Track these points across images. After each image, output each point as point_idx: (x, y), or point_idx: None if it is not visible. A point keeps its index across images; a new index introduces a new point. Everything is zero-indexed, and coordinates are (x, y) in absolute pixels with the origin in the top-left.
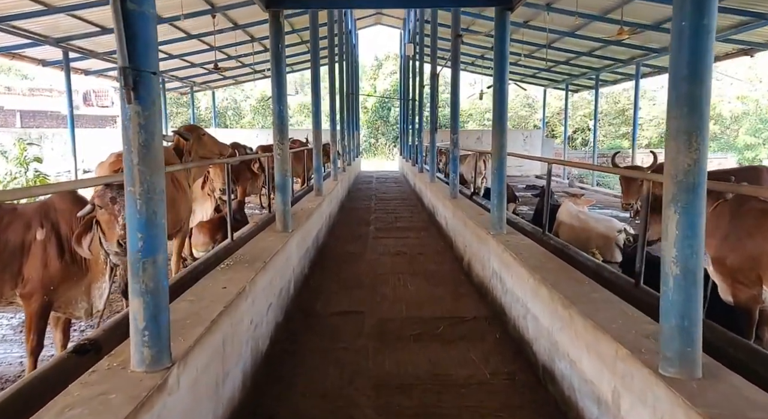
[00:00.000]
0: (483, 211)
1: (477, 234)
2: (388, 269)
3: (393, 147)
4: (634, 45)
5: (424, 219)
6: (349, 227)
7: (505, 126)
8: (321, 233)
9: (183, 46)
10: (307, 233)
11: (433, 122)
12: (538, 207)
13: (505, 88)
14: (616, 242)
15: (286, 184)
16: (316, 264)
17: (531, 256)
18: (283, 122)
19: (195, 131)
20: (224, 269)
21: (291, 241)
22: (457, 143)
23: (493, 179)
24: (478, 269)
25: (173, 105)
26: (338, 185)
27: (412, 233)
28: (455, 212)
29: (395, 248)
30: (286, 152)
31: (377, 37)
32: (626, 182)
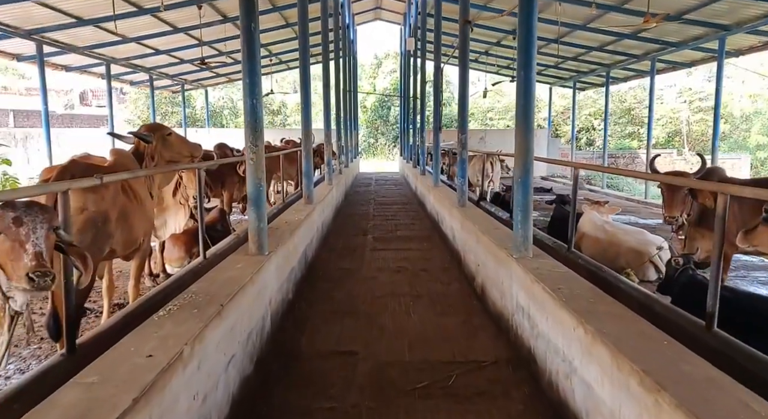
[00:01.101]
0: (498, 224)
1: (494, 254)
2: (388, 290)
3: (393, 147)
4: (649, 38)
5: (426, 227)
6: (344, 238)
7: (531, 124)
8: (311, 248)
9: (170, 40)
10: (291, 252)
11: (437, 121)
12: (555, 215)
13: (532, 78)
14: (650, 259)
15: (260, 196)
16: (304, 286)
17: (573, 293)
18: (256, 119)
19: (158, 130)
20: (163, 317)
21: (267, 267)
22: (465, 144)
23: (517, 188)
24: (495, 297)
25: (167, 104)
26: (333, 189)
27: (414, 244)
28: (464, 224)
29: (395, 263)
30: (261, 156)
31: (377, 33)
32: (670, 192)
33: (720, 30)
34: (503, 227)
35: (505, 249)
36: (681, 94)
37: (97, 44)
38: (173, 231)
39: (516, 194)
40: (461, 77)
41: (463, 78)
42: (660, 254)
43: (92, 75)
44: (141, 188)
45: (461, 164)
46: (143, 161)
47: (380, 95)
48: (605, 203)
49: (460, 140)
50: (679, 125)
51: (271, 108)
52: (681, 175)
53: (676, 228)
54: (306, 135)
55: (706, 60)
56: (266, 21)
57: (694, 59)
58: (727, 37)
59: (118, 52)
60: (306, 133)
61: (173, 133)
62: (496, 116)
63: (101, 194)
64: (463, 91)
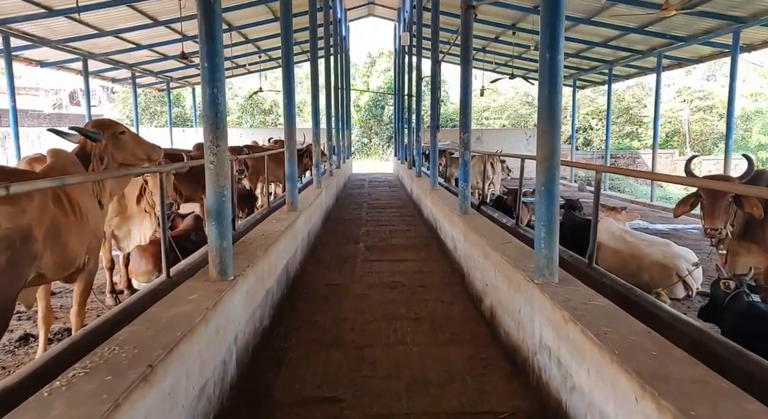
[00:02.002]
0: (508, 236)
1: (508, 275)
2: (381, 312)
3: (387, 147)
4: (656, 33)
5: (423, 234)
6: (333, 247)
7: (557, 119)
8: (294, 261)
9: (151, 34)
10: (266, 271)
11: (435, 120)
12: (564, 222)
13: (558, 62)
14: (677, 273)
15: (222, 209)
16: (284, 309)
17: (625, 340)
18: (217, 112)
19: (109, 128)
20: (57, 392)
21: (231, 297)
22: (468, 145)
23: (539, 199)
24: (509, 326)
25: (157, 104)
26: (322, 193)
27: (411, 254)
28: (469, 235)
29: (390, 277)
30: (224, 159)
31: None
32: (711, 199)
33: (734, 23)
34: (515, 241)
35: (523, 271)
36: (680, 93)
37: (72, 38)
38: (139, 242)
39: (539, 206)
40: (463, 70)
41: (465, 72)
42: (689, 269)
43: (70, 71)
44: (84, 197)
45: (463, 166)
46: (89, 163)
47: (374, 92)
48: (622, 209)
49: (462, 139)
50: (678, 125)
51: (262, 107)
52: (724, 179)
53: (716, 242)
54: (289, 135)
55: (714, 56)
56: (254, 14)
57: (702, 55)
58: (742, 31)
59: (97, 46)
60: (289, 132)
61: (127, 131)
62: (492, 115)
63: (21, 206)
64: (465, 86)
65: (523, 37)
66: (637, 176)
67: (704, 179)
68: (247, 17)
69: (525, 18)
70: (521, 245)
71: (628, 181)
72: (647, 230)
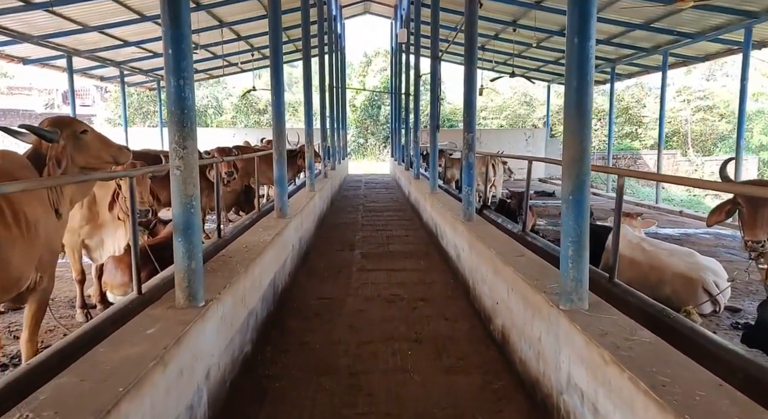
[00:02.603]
0: (520, 248)
1: (524, 296)
2: (378, 331)
3: (383, 148)
4: (662, 29)
5: (423, 240)
6: (327, 255)
7: (587, 116)
8: (283, 273)
9: (138, 30)
10: (248, 291)
11: (434, 119)
12: None
13: (589, 49)
14: (704, 287)
15: (190, 223)
16: (271, 327)
17: (689, 392)
18: (185, 109)
19: (68, 126)
20: None
21: (201, 326)
22: (472, 145)
23: (567, 211)
24: (527, 355)
25: (150, 103)
26: (316, 196)
27: (410, 263)
28: (475, 245)
29: (388, 289)
30: (192, 163)
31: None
32: (752, 208)
33: (746, 18)
34: (528, 253)
35: (543, 293)
36: (680, 93)
37: (54, 33)
38: (112, 252)
39: (566, 219)
40: (467, 66)
41: (469, 67)
42: (716, 282)
43: (55, 69)
44: (33, 206)
45: (467, 169)
46: (44, 167)
47: (370, 91)
48: (638, 215)
49: (466, 140)
50: (677, 125)
51: (256, 107)
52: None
53: (756, 255)
54: (278, 134)
55: (721, 54)
56: (246, 10)
57: (708, 53)
58: (754, 26)
59: (82, 42)
60: (278, 132)
61: (90, 130)
62: (490, 115)
63: None
64: (469, 82)
65: (524, 34)
66: (665, 181)
67: (745, 185)
68: (239, 13)
69: (527, 14)
70: (536, 259)
71: (630, 182)
72: (657, 235)
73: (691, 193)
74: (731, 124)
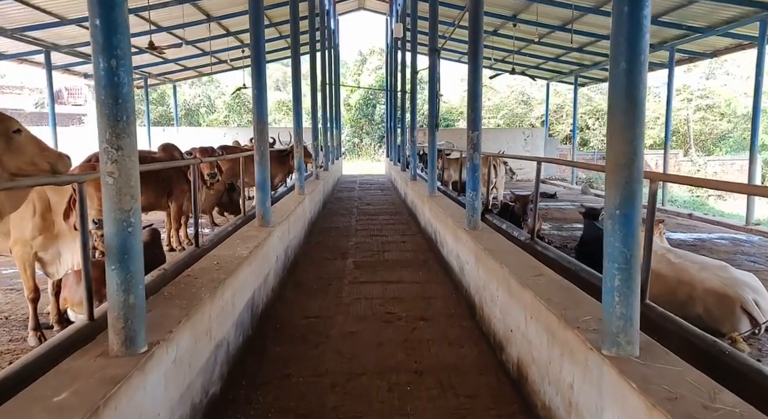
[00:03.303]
0: (537, 264)
1: (550, 329)
2: (372, 359)
3: (378, 148)
4: (671, 23)
5: (421, 247)
6: (317, 265)
7: (640, 114)
8: (265, 289)
9: None
10: (216, 318)
11: (433, 117)
12: (586, 236)
13: (643, 19)
14: (742, 306)
15: (127, 246)
16: (247, 355)
17: None
18: (118, 97)
19: None
20: None
21: (138, 381)
22: (477, 145)
23: (612, 229)
24: (554, 402)
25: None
26: (305, 200)
27: (407, 274)
28: (481, 258)
29: (383, 306)
30: (131, 168)
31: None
32: None
33: (762, 10)
34: (547, 272)
35: (576, 329)
36: (679, 92)
37: (30, 26)
38: (71, 266)
39: (610, 240)
40: (472, 57)
41: (474, 59)
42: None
43: (33, 64)
44: None
45: (472, 171)
46: None
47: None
48: (660, 221)
49: (470, 139)
50: (677, 125)
51: (249, 106)
52: None
53: None
54: (260, 133)
55: (730, 49)
56: (234, 3)
57: (717, 48)
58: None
59: (60, 36)
60: (260, 129)
61: (24, 131)
62: (487, 114)
63: None
64: (474, 75)
65: (524, 30)
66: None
67: None
68: (227, 6)
69: (528, 8)
70: (558, 279)
71: None
72: (669, 241)
73: (694, 194)
74: (732, 123)
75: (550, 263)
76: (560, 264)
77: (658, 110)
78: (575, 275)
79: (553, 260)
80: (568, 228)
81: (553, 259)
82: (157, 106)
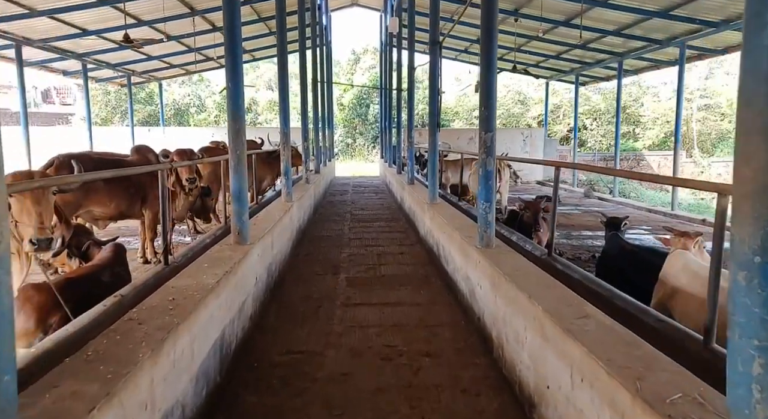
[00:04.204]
0: (580, 303)
1: (622, 412)
2: (369, 416)
3: (372, 148)
4: (682, 17)
5: (420, 259)
6: (305, 282)
7: None
8: (237, 324)
9: (97, 17)
10: (158, 388)
11: (434, 116)
12: (610, 250)
13: None
14: None
15: None
16: (214, 412)
17: None
18: None
19: None
20: None
21: None
22: (491, 149)
23: (746, 291)
24: None
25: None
26: (293, 207)
27: (408, 294)
28: (500, 285)
29: (381, 336)
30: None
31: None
32: None
33: None
34: (595, 313)
35: (669, 418)
36: None
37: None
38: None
39: (741, 301)
40: (485, 44)
41: (488, 46)
42: None
43: (4, 60)
44: None
45: (485, 179)
46: None
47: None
48: (698, 234)
49: (483, 141)
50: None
51: None
52: None
53: None
54: (236, 133)
55: None
56: None
57: (730, 44)
58: None
59: (32, 30)
60: (236, 130)
61: None
62: None
63: None
64: (488, 65)
65: (527, 25)
66: None
67: None
68: None
69: (530, 3)
70: (611, 326)
71: (632, 184)
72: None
73: (697, 197)
74: (733, 123)
75: (571, 282)
76: (586, 286)
77: (657, 110)
78: (609, 303)
79: (578, 282)
80: (577, 236)
81: (579, 281)
82: (146, 105)
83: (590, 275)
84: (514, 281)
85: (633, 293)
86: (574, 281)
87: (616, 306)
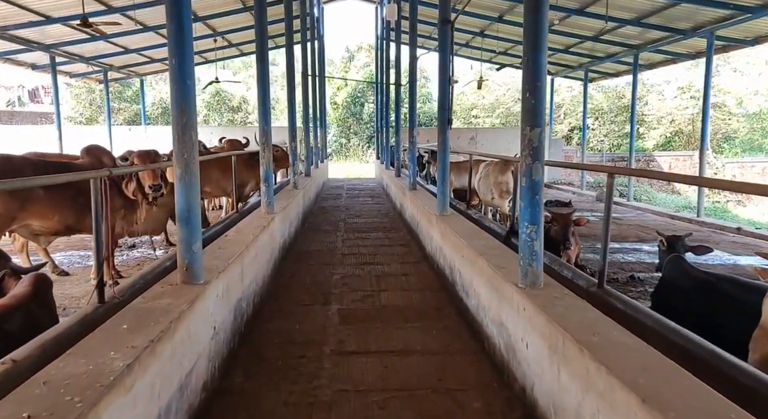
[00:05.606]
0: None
1: None
2: None
3: (367, 148)
4: (714, 1)
5: (429, 284)
6: (287, 316)
7: None
8: (184, 403)
9: (59, 1)
10: None
11: (445, 110)
12: (671, 278)
13: None
14: None
15: None
16: None
17: None
18: None
19: None
20: None
21: None
22: (539, 152)
23: None
24: None
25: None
26: (275, 220)
27: (416, 334)
28: (563, 347)
29: (385, 409)
30: None
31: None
32: None
33: None
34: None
35: None
36: (683, 90)
37: None
38: None
39: None
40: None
41: (534, 21)
42: None
43: None
44: None
45: (529, 192)
46: None
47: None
48: None
49: (529, 140)
50: (681, 124)
51: (230, 104)
52: None
53: None
54: (182, 129)
55: None
56: None
57: (759, 35)
58: None
59: None
60: (182, 124)
61: None
62: (482, 113)
63: None
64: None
65: None
66: None
67: None
68: None
69: None
70: None
71: (643, 186)
72: (735, 267)
73: (711, 200)
74: (741, 122)
75: (643, 330)
76: (661, 334)
77: (663, 108)
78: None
79: (652, 329)
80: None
81: (652, 329)
82: (132, 104)
83: (668, 322)
84: (592, 353)
85: (716, 335)
86: (646, 329)
87: (713, 367)
